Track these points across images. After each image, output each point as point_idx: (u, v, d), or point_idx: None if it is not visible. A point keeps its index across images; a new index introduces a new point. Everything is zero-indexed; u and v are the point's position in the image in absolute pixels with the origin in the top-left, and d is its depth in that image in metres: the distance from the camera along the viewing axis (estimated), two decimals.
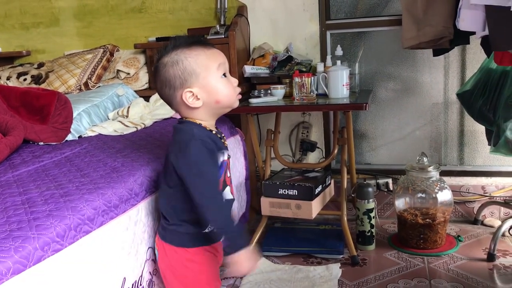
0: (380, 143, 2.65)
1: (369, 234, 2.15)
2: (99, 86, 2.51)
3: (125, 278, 1.17)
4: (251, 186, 2.35)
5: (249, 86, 2.41)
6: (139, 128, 2.05)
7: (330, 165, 2.54)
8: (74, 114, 1.99)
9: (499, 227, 2.05)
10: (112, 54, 2.64)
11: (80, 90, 2.49)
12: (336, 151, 2.21)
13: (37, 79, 2.58)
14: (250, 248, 1.15)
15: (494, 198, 2.37)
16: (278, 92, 2.17)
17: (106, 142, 1.79)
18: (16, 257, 0.85)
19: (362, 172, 2.54)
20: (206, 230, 1.23)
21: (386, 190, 2.48)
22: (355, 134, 2.58)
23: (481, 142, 2.47)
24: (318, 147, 2.63)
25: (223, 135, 1.28)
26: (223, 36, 2.36)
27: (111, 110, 2.25)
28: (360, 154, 2.66)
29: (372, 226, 2.14)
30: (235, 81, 1.24)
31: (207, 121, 1.23)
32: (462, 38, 2.02)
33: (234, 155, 2.05)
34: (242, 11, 2.52)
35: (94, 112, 2.13)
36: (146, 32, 2.76)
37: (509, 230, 2.19)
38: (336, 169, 2.53)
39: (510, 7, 1.56)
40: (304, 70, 2.29)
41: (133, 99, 2.39)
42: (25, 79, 2.60)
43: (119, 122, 2.08)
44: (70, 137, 1.91)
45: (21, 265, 0.85)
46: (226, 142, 1.28)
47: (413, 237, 2.12)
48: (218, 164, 1.21)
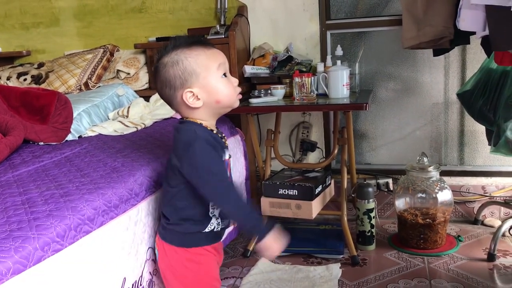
0: (380, 143, 2.64)
1: (369, 234, 2.15)
2: (99, 86, 2.50)
3: (125, 278, 1.17)
4: (251, 186, 2.35)
5: (249, 86, 2.41)
6: (139, 128, 2.05)
7: (330, 165, 2.54)
8: (74, 114, 1.99)
9: (499, 227, 2.05)
10: (112, 54, 2.64)
11: (80, 90, 2.49)
12: (336, 151, 2.21)
13: (37, 79, 2.58)
14: (275, 229, 1.16)
15: (494, 198, 2.37)
16: (278, 92, 2.17)
17: (106, 142, 1.79)
18: (16, 257, 0.85)
19: (362, 172, 2.54)
20: (206, 230, 1.23)
21: (386, 190, 2.48)
22: (355, 134, 2.58)
23: (481, 142, 2.47)
24: (318, 147, 2.63)
25: (224, 135, 1.28)
26: (223, 36, 2.36)
27: (111, 110, 2.25)
28: (360, 154, 2.66)
29: (372, 226, 2.14)
30: (236, 81, 1.24)
31: (208, 121, 1.23)
32: (463, 38, 2.02)
33: (234, 155, 2.05)
34: (242, 11, 2.52)
35: (94, 112, 2.13)
36: (146, 32, 2.76)
37: (509, 230, 2.19)
38: (336, 169, 2.53)
39: (510, 7, 1.56)
40: (304, 70, 2.29)
41: (133, 99, 2.39)
42: (25, 79, 2.60)
43: (119, 122, 2.08)
44: (70, 137, 1.91)
45: (21, 265, 0.86)
46: (226, 142, 1.28)
47: (413, 237, 2.12)
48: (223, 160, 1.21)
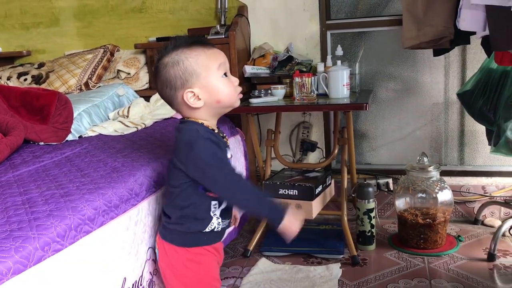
0: (380, 143, 2.64)
1: (369, 234, 2.15)
2: (100, 86, 2.51)
3: (125, 278, 1.17)
4: None
5: (249, 86, 2.41)
6: (140, 128, 2.05)
7: (331, 165, 2.54)
8: (75, 114, 1.99)
9: (500, 227, 2.05)
10: (112, 54, 2.64)
11: (80, 90, 2.49)
12: (336, 151, 2.21)
13: (37, 79, 2.58)
14: (289, 210, 1.16)
15: (495, 198, 2.37)
16: (279, 92, 2.17)
17: (106, 142, 1.79)
18: (16, 257, 0.85)
19: (362, 172, 2.54)
20: (207, 230, 1.23)
21: (386, 190, 2.48)
22: (356, 134, 2.58)
23: (481, 142, 2.47)
24: (319, 147, 2.63)
25: (225, 135, 1.29)
26: (224, 36, 2.36)
27: (112, 110, 2.25)
28: (360, 154, 2.66)
29: (372, 226, 2.14)
30: (236, 80, 1.24)
31: (209, 120, 1.23)
32: (463, 38, 2.02)
33: (234, 155, 2.05)
34: (242, 11, 2.52)
35: (94, 112, 2.13)
36: (146, 32, 2.76)
37: (509, 230, 2.19)
38: (336, 169, 2.53)
39: (510, 7, 1.56)
40: (304, 70, 2.29)
41: (133, 99, 2.40)
42: (25, 79, 2.60)
43: (120, 122, 2.08)
44: (70, 137, 1.91)
45: (21, 265, 0.86)
46: (228, 142, 1.28)
47: (413, 237, 2.12)
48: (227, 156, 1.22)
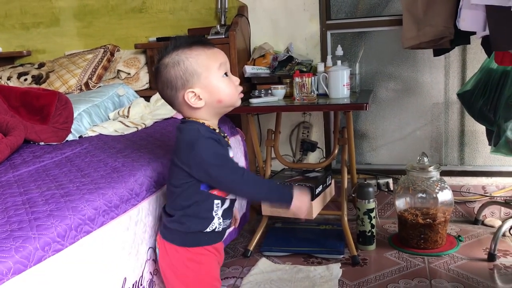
0: (380, 143, 2.64)
1: (369, 234, 2.15)
2: (100, 86, 2.51)
3: (125, 278, 1.17)
4: None
5: (249, 86, 2.41)
6: (140, 128, 2.05)
7: (331, 165, 2.54)
8: (75, 114, 1.99)
9: (500, 227, 2.04)
10: (112, 54, 2.64)
11: (80, 90, 2.49)
12: (336, 151, 2.21)
13: (37, 79, 2.58)
14: (296, 191, 1.18)
15: (495, 198, 2.37)
16: (279, 92, 2.17)
17: (106, 142, 1.79)
18: (16, 257, 0.85)
19: (362, 172, 2.54)
20: (207, 230, 1.23)
21: (386, 190, 2.48)
22: (356, 134, 2.58)
23: (481, 142, 2.47)
24: (319, 147, 2.63)
25: (226, 135, 1.29)
26: (224, 36, 2.36)
27: (112, 110, 2.25)
28: (360, 154, 2.66)
29: (372, 226, 2.14)
30: (237, 80, 1.24)
31: (210, 120, 1.23)
32: (463, 38, 2.02)
33: (234, 155, 2.03)
34: (242, 11, 2.52)
35: (94, 112, 2.13)
36: (146, 32, 2.76)
37: (509, 230, 2.19)
38: (336, 169, 2.53)
39: (510, 7, 1.56)
40: (304, 70, 2.29)
41: (133, 99, 2.40)
42: (25, 79, 2.60)
43: (120, 122, 2.08)
44: (70, 137, 1.91)
45: (21, 265, 0.86)
46: (229, 142, 1.28)
47: (413, 237, 2.12)
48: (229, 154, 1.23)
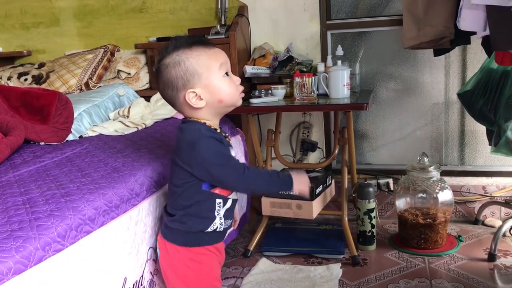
0: (380, 143, 2.64)
1: (369, 234, 2.15)
2: (100, 86, 2.51)
3: (126, 278, 1.17)
4: None
5: (249, 86, 2.41)
6: (140, 128, 2.05)
7: (331, 165, 2.53)
8: (75, 114, 1.99)
9: (500, 227, 2.04)
10: (112, 54, 2.64)
11: (81, 90, 2.49)
12: (336, 151, 2.21)
13: (37, 79, 2.58)
14: (294, 175, 1.22)
15: (495, 198, 2.37)
16: (279, 92, 2.17)
17: (107, 142, 1.79)
18: (17, 257, 0.85)
19: (362, 172, 2.54)
20: (209, 230, 1.23)
21: (386, 190, 2.48)
22: (356, 134, 2.58)
23: (481, 142, 2.47)
24: (319, 147, 2.63)
25: (227, 134, 1.29)
26: (224, 36, 2.36)
27: (112, 110, 2.25)
28: (360, 154, 2.66)
29: (372, 226, 2.14)
30: (238, 79, 1.24)
31: (211, 120, 1.23)
32: (463, 38, 2.02)
33: (235, 155, 2.04)
34: (242, 11, 2.52)
35: (95, 112, 2.13)
36: (146, 32, 2.76)
37: (510, 230, 2.19)
38: (336, 169, 2.53)
39: (511, 7, 1.56)
40: (304, 70, 2.28)
41: (133, 99, 2.40)
42: (25, 79, 2.60)
43: (120, 122, 2.08)
44: (71, 137, 1.91)
45: (22, 265, 0.86)
46: (230, 141, 1.28)
47: (413, 237, 2.12)
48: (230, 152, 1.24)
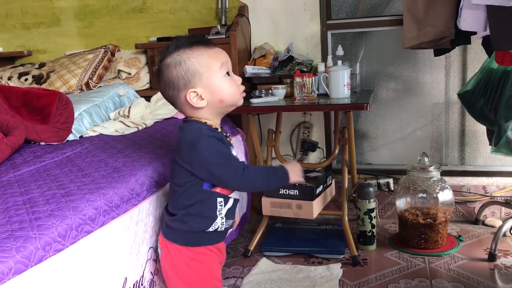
0: (381, 143, 2.64)
1: (370, 234, 2.15)
2: (100, 86, 2.51)
3: (126, 278, 1.17)
4: None
5: (250, 86, 2.41)
6: (140, 128, 2.05)
7: (331, 165, 2.53)
8: (75, 114, 1.99)
9: (500, 227, 2.04)
10: (113, 54, 2.64)
11: (81, 90, 2.50)
12: (337, 151, 2.21)
13: (38, 79, 2.59)
14: (288, 167, 1.25)
15: (495, 198, 2.37)
16: (279, 92, 2.17)
17: (107, 142, 1.79)
18: (17, 257, 0.86)
19: (363, 172, 2.54)
20: (210, 230, 1.23)
21: (387, 190, 2.48)
22: (356, 134, 2.58)
23: (482, 142, 2.47)
24: (319, 147, 2.63)
25: (228, 134, 1.29)
26: (224, 36, 2.36)
27: (112, 110, 2.25)
28: (361, 154, 2.66)
29: (373, 226, 2.14)
30: (239, 79, 1.24)
31: (212, 120, 1.23)
32: (463, 38, 2.02)
33: (235, 155, 2.04)
34: (243, 11, 2.52)
35: (95, 112, 2.13)
36: (147, 32, 2.76)
37: (510, 230, 2.19)
38: (337, 169, 2.53)
39: (511, 7, 1.56)
40: (305, 70, 2.29)
41: (134, 99, 2.40)
42: (26, 79, 2.60)
43: (120, 122, 2.08)
44: (71, 137, 1.91)
45: (22, 265, 0.86)
46: (231, 141, 1.29)
47: (414, 237, 2.12)
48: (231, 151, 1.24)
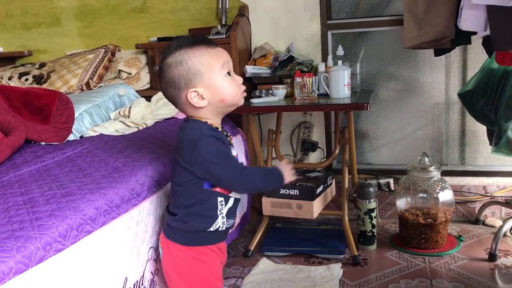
0: (381, 143, 2.64)
1: (370, 234, 2.15)
2: (101, 86, 2.51)
3: (126, 278, 1.17)
4: None
5: (250, 86, 2.41)
6: (141, 128, 2.05)
7: (332, 165, 2.53)
8: (76, 114, 1.99)
9: (501, 227, 2.04)
10: (113, 54, 2.64)
11: (81, 90, 2.50)
12: (337, 151, 2.21)
13: (38, 79, 2.59)
14: (282, 169, 1.26)
15: (496, 198, 2.37)
16: (280, 92, 2.17)
17: (107, 142, 1.79)
18: (18, 257, 0.86)
19: (363, 172, 2.54)
20: (211, 229, 1.23)
21: (387, 190, 2.48)
22: (357, 134, 2.58)
23: (482, 142, 2.47)
24: (319, 147, 2.63)
25: (229, 134, 1.29)
26: (225, 36, 2.36)
27: (113, 110, 2.25)
28: (361, 154, 2.66)
29: (373, 226, 2.14)
30: (240, 79, 1.24)
31: (213, 119, 1.24)
32: (464, 38, 2.02)
33: (236, 155, 2.04)
34: (243, 11, 2.52)
35: (95, 112, 2.13)
36: (147, 32, 2.76)
37: (510, 230, 2.19)
38: (337, 169, 2.53)
39: (511, 7, 1.56)
40: (305, 70, 2.28)
41: (134, 99, 2.40)
42: (26, 79, 2.60)
43: (121, 122, 2.08)
44: (71, 137, 1.91)
45: (23, 265, 0.86)
46: (232, 141, 1.29)
47: (414, 237, 2.12)
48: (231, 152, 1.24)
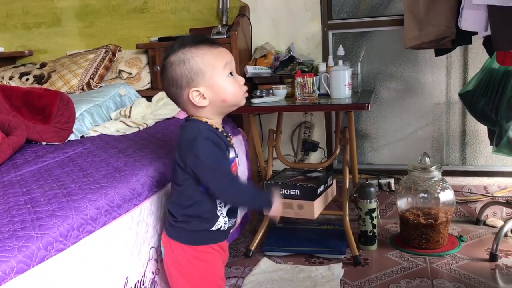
0: (382, 143, 2.64)
1: (371, 234, 2.15)
2: (102, 86, 2.51)
3: (127, 277, 1.17)
4: None
5: (251, 86, 2.40)
6: (141, 128, 2.05)
7: (332, 165, 2.54)
8: (77, 114, 1.99)
9: (502, 227, 2.04)
10: (114, 54, 2.64)
11: (82, 90, 2.50)
12: (338, 151, 2.21)
13: (39, 79, 2.59)
14: (275, 199, 1.25)
15: (496, 198, 2.37)
16: (280, 92, 2.17)
17: (108, 142, 1.79)
18: (19, 256, 0.86)
19: (364, 172, 2.54)
20: (213, 228, 1.23)
21: (388, 190, 2.48)
22: (357, 134, 2.58)
23: (483, 142, 2.47)
24: (320, 147, 2.63)
25: (229, 134, 1.29)
26: (225, 36, 2.36)
27: (114, 110, 2.25)
28: (362, 154, 2.66)
29: (374, 226, 2.14)
30: (242, 79, 1.25)
31: (213, 119, 1.24)
32: (464, 38, 2.02)
33: (236, 155, 2.04)
34: (244, 11, 2.52)
35: (96, 112, 2.14)
36: (148, 32, 2.76)
37: (511, 230, 2.19)
38: (338, 169, 2.53)
39: None
40: (306, 70, 2.29)
41: (135, 99, 2.40)
42: (27, 79, 2.60)
43: (121, 122, 2.08)
44: (72, 137, 1.91)
45: (24, 264, 0.86)
46: (232, 141, 1.29)
47: (415, 237, 2.12)
48: (227, 157, 1.23)
